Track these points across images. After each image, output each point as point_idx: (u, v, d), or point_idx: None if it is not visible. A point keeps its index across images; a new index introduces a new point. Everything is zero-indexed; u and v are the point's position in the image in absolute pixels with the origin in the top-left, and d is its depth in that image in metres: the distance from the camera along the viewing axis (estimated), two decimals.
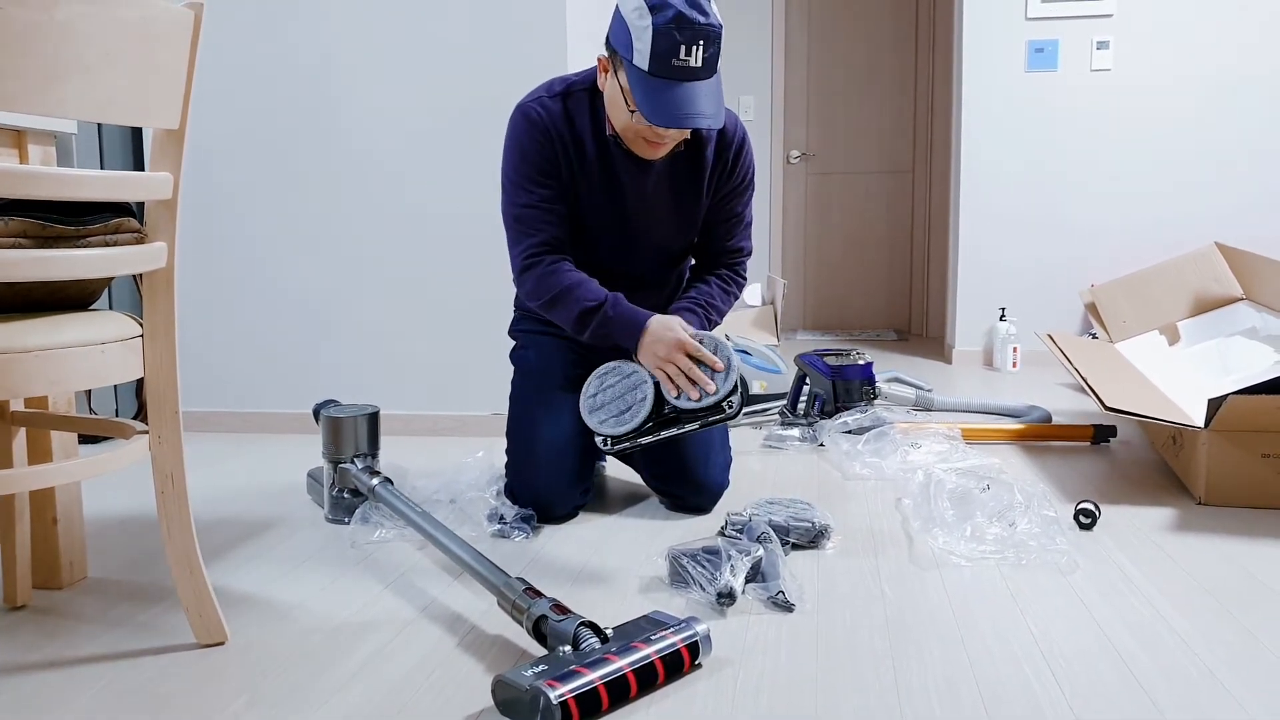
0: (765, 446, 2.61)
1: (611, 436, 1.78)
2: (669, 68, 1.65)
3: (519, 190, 1.87)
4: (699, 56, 1.65)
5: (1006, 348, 3.94)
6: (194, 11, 1.27)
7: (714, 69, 1.69)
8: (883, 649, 1.36)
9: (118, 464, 1.26)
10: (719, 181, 1.95)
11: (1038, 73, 4.03)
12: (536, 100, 1.87)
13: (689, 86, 1.66)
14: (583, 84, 1.88)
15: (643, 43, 1.66)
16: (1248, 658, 1.32)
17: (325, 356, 2.84)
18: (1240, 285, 2.91)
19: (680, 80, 1.66)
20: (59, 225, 1.27)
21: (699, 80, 1.67)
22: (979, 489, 1.86)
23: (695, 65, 1.65)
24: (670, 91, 1.66)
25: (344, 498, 1.96)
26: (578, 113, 1.86)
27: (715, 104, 1.70)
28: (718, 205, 1.98)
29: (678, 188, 1.92)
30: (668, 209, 1.94)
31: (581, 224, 1.93)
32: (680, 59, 1.64)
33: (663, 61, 1.65)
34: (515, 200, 1.87)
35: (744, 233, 2.04)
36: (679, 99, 1.66)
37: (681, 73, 1.65)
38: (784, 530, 1.76)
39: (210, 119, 2.80)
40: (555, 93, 1.87)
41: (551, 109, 1.85)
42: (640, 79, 1.68)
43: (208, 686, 1.27)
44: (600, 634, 1.26)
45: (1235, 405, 1.93)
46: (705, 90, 1.68)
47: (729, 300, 2.03)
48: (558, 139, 1.85)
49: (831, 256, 5.37)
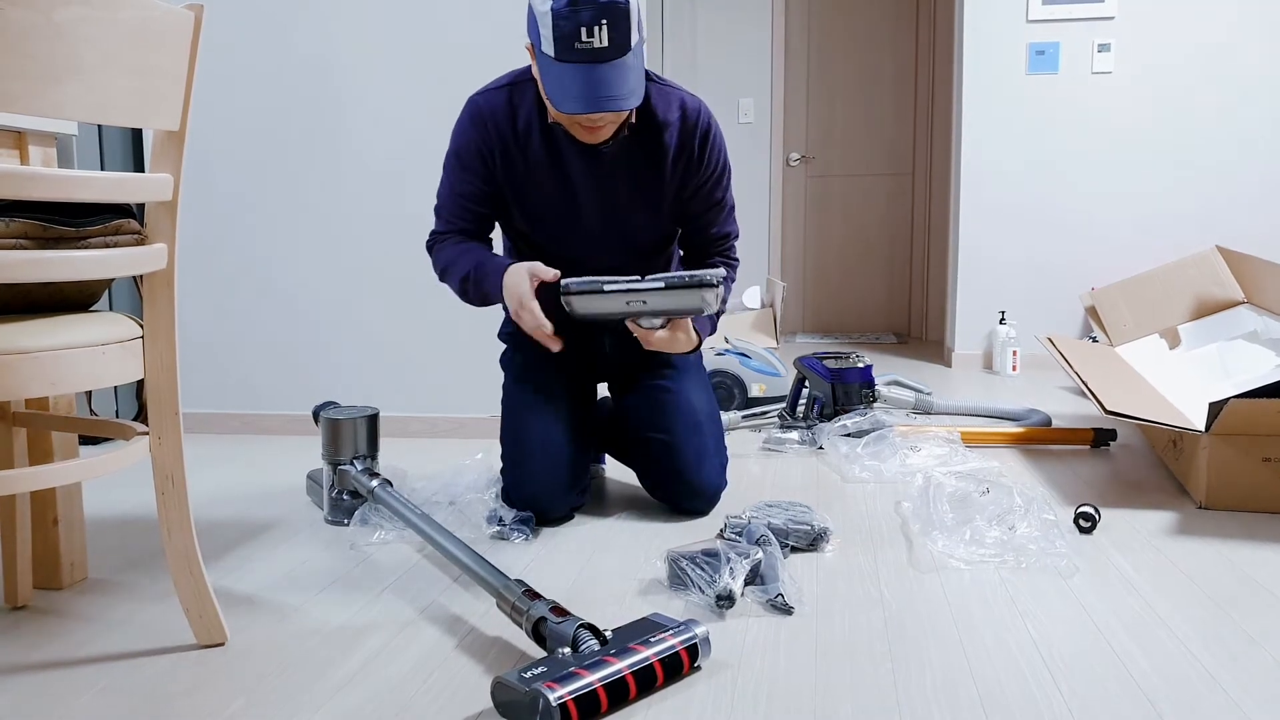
0: (764, 449, 2.61)
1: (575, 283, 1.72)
2: (573, 51, 1.60)
3: (446, 179, 1.91)
4: (603, 36, 1.59)
5: (1006, 351, 3.94)
6: (194, 13, 1.27)
7: (625, 48, 1.62)
8: (882, 652, 1.36)
9: (118, 465, 1.27)
10: (686, 171, 1.90)
11: (1039, 75, 4.03)
12: (483, 92, 1.86)
13: (596, 69, 1.61)
14: (528, 75, 1.86)
15: (546, 28, 1.61)
16: (1247, 661, 1.32)
17: (325, 358, 2.84)
18: (1241, 289, 2.91)
19: (586, 63, 1.61)
20: (59, 226, 1.27)
21: (606, 61, 1.61)
22: (978, 492, 1.86)
23: (600, 45, 1.59)
24: (577, 76, 1.61)
25: (343, 499, 1.96)
26: (522, 104, 1.83)
27: (627, 84, 1.64)
28: (695, 196, 1.94)
29: (635, 175, 1.88)
30: (626, 195, 1.89)
31: (539, 217, 1.91)
32: (583, 41, 1.59)
33: (565, 45, 1.60)
34: (441, 189, 1.93)
35: (729, 217, 2.01)
36: (586, 82, 1.61)
37: (587, 55, 1.60)
38: (783, 533, 1.76)
39: (210, 121, 2.80)
40: (502, 84, 1.86)
41: (495, 101, 1.84)
42: (549, 66, 1.64)
43: (207, 687, 1.27)
44: (599, 636, 1.26)
45: (1236, 409, 1.93)
46: (615, 71, 1.62)
47: (727, 287, 2.03)
48: (495, 132, 1.83)
49: (831, 259, 5.37)
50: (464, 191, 1.88)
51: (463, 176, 1.88)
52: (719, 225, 2.01)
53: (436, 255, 1.94)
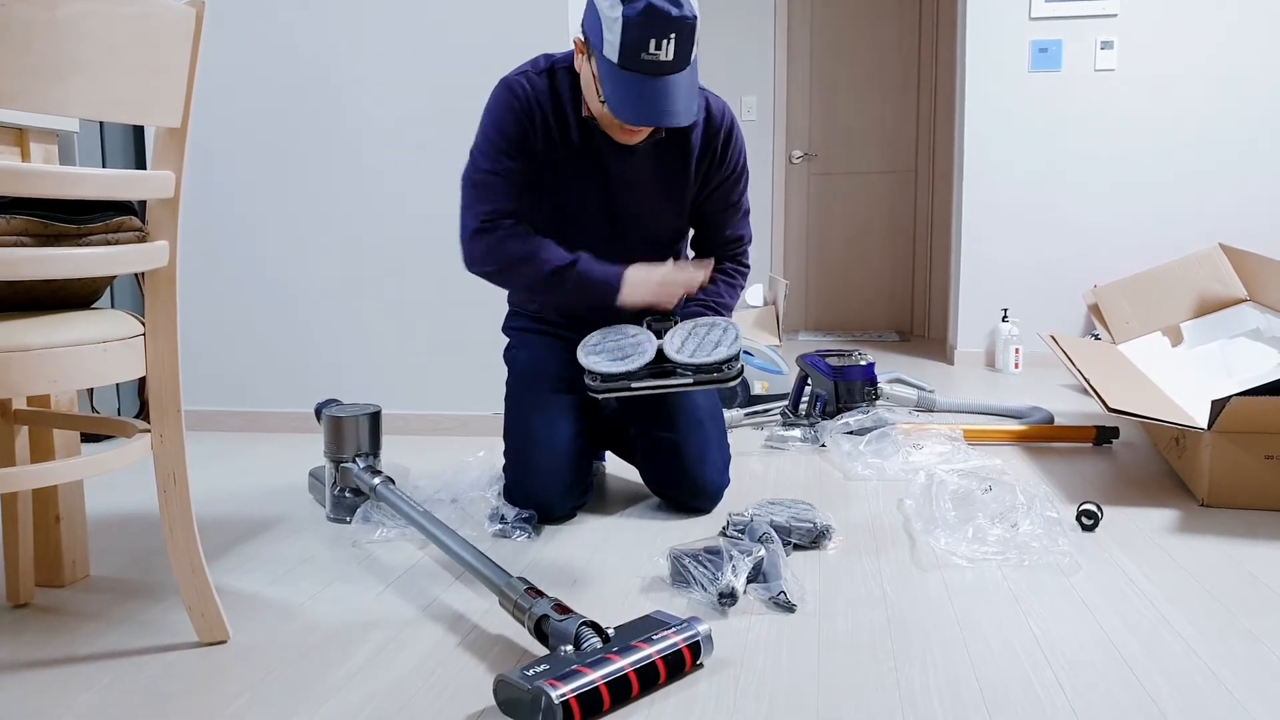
0: (767, 447, 2.61)
1: (603, 374, 1.76)
2: (638, 61, 1.61)
3: (486, 158, 1.83)
4: (670, 50, 1.60)
5: (1009, 349, 3.94)
6: (196, 10, 1.27)
7: (687, 61, 1.64)
8: (884, 650, 1.35)
9: (120, 463, 1.26)
10: (709, 169, 1.93)
11: (1041, 73, 4.03)
12: (522, 74, 1.85)
13: (659, 81, 1.63)
14: (565, 62, 1.86)
15: (613, 34, 1.62)
16: (1250, 659, 1.31)
17: (327, 356, 2.84)
18: (1244, 287, 2.90)
19: (650, 74, 1.62)
20: (61, 224, 1.27)
21: (670, 75, 1.63)
22: (981, 490, 1.86)
23: (666, 59, 1.61)
24: (639, 86, 1.62)
25: (346, 497, 1.96)
26: (561, 91, 1.84)
27: (687, 99, 1.66)
28: (713, 195, 1.97)
29: (664, 171, 1.90)
30: (654, 192, 1.91)
31: (565, 206, 1.91)
32: (650, 53, 1.60)
33: (632, 55, 1.61)
34: (480, 167, 1.84)
35: (743, 221, 2.04)
36: (648, 94, 1.62)
37: (651, 67, 1.61)
38: (786, 531, 1.76)
39: (212, 118, 2.80)
40: (540, 69, 1.85)
41: (536, 84, 1.83)
42: (610, 71, 1.64)
43: (209, 685, 1.27)
44: (602, 634, 1.25)
45: (1238, 407, 1.93)
46: (676, 84, 1.64)
47: (734, 294, 2.04)
48: (539, 115, 1.82)
49: (833, 257, 5.36)
50: (506, 170, 1.82)
51: (506, 153, 1.82)
52: (733, 227, 2.03)
53: (498, 241, 1.83)
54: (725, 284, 2.03)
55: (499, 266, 1.84)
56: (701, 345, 1.77)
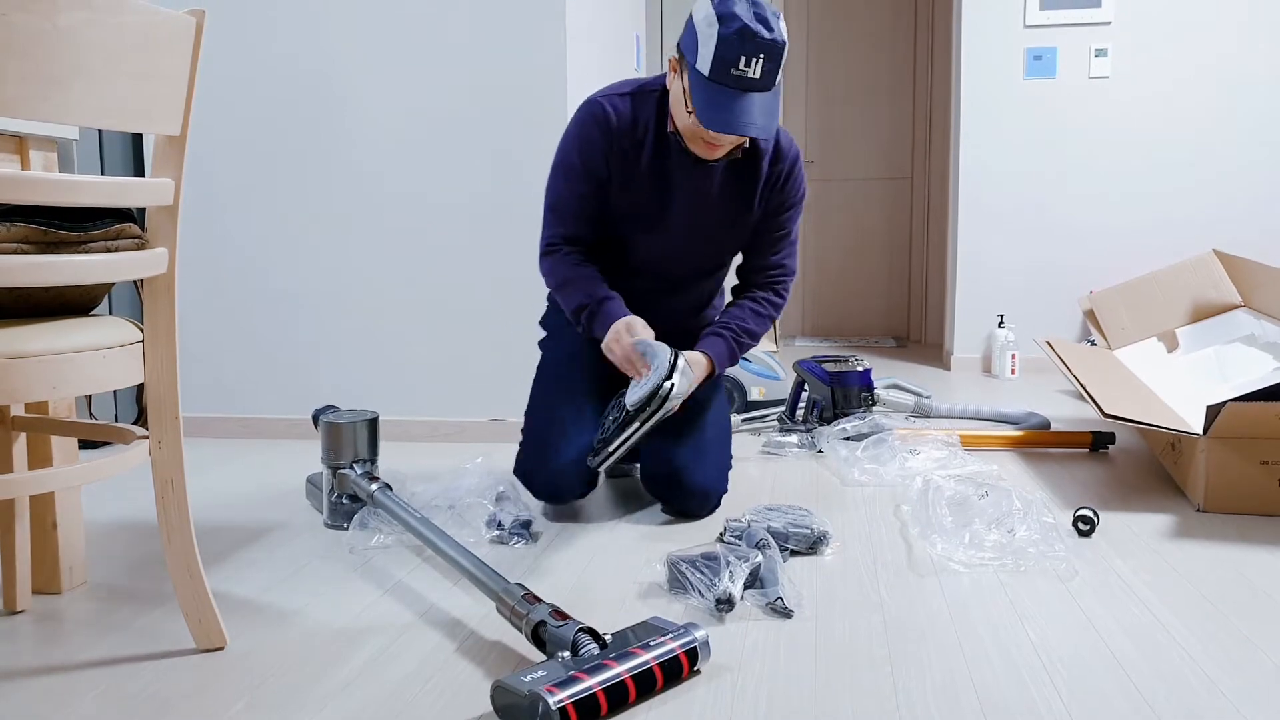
0: (764, 453, 2.61)
1: (593, 450, 1.88)
2: (728, 76, 1.71)
3: (561, 179, 1.97)
4: (758, 69, 1.71)
5: (1005, 354, 3.95)
6: (195, 18, 1.27)
7: (772, 82, 1.74)
8: (881, 655, 1.36)
9: (118, 469, 1.27)
10: (770, 194, 2.00)
11: (1036, 80, 4.04)
12: (606, 97, 1.94)
13: (745, 96, 1.73)
14: (652, 86, 1.96)
15: (707, 50, 1.72)
16: (1246, 664, 1.32)
17: (325, 362, 2.84)
18: (1239, 292, 2.91)
19: (737, 89, 1.72)
20: (61, 231, 1.27)
21: (755, 91, 1.73)
22: (978, 495, 1.86)
23: (753, 77, 1.71)
24: (726, 98, 1.72)
25: (343, 503, 1.96)
26: (642, 112, 1.94)
27: (767, 116, 1.75)
28: (766, 218, 2.03)
29: (731, 193, 1.98)
30: (719, 213, 1.99)
31: (626, 218, 1.99)
32: (739, 69, 1.70)
33: (723, 69, 1.71)
34: (555, 188, 1.99)
35: (789, 249, 2.08)
36: (733, 106, 1.72)
37: (739, 82, 1.72)
38: (783, 536, 1.77)
39: (210, 125, 2.81)
40: (625, 92, 1.95)
41: (620, 108, 1.93)
42: (700, 83, 1.74)
43: (207, 691, 1.27)
44: (599, 640, 1.26)
45: (1234, 412, 1.94)
46: (760, 101, 1.74)
47: (763, 323, 2.05)
48: (617, 137, 1.92)
49: (830, 263, 5.37)
50: (583, 192, 1.96)
51: (581, 175, 1.94)
52: (779, 254, 2.07)
53: (555, 264, 1.99)
54: (753, 311, 2.05)
55: (554, 286, 2.01)
56: (642, 384, 1.81)
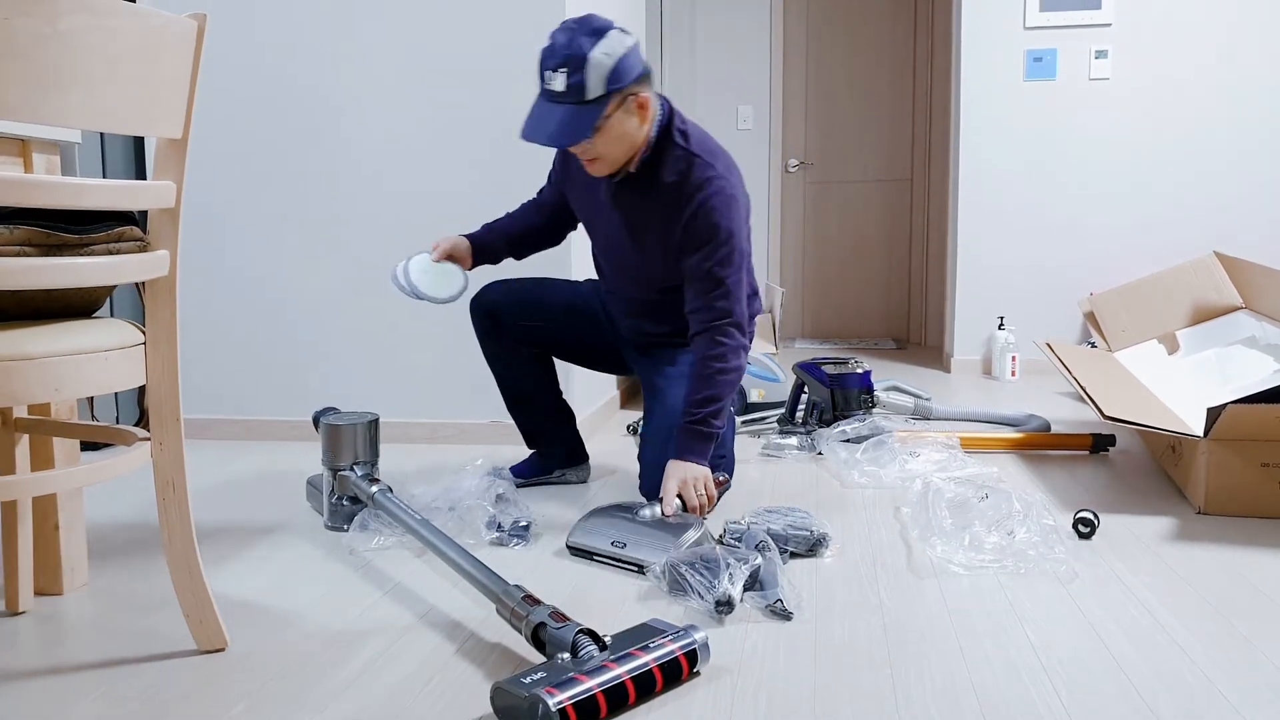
0: (764, 455, 2.62)
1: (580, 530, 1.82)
2: (541, 88, 1.85)
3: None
4: (561, 81, 1.80)
5: (1005, 356, 3.95)
6: (197, 22, 1.28)
7: (579, 96, 1.80)
8: (881, 658, 1.36)
9: (119, 471, 1.27)
10: (675, 228, 1.96)
11: (1036, 81, 4.04)
12: None
13: (549, 106, 1.83)
14: None
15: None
16: (1246, 667, 1.32)
17: (325, 364, 2.85)
18: (1239, 294, 2.91)
19: (544, 100, 1.84)
20: (63, 233, 1.27)
21: (560, 103, 1.82)
22: (977, 498, 1.87)
23: (557, 89, 1.81)
24: (536, 108, 1.85)
25: (343, 505, 1.96)
26: None
27: (561, 126, 1.81)
28: (682, 254, 1.97)
29: (633, 219, 2.02)
30: (629, 235, 2.04)
31: (589, 232, 2.17)
32: (544, 82, 1.83)
33: (539, 80, 1.85)
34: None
35: (721, 295, 1.93)
36: (536, 114, 1.84)
37: (545, 93, 1.84)
38: (782, 539, 1.77)
39: (211, 128, 2.81)
40: None
41: None
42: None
43: (208, 692, 1.27)
44: (599, 641, 1.26)
45: (1234, 414, 1.94)
46: (562, 113, 1.81)
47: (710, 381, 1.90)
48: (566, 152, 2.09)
49: (830, 265, 5.38)
50: (543, 189, 2.23)
51: (551, 175, 2.20)
52: (705, 299, 1.94)
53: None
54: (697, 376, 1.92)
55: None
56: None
